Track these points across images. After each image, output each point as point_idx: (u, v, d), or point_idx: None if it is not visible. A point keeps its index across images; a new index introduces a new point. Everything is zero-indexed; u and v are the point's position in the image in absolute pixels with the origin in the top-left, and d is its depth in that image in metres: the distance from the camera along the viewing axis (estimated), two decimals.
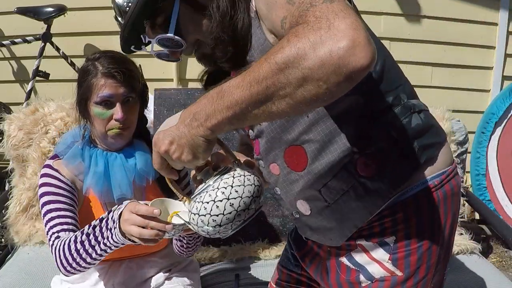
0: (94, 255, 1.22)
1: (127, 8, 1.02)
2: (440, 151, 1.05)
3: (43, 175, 1.42)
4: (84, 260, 1.23)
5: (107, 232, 1.17)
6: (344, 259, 1.11)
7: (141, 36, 1.04)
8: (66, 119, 2.00)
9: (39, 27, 2.82)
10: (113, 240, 1.17)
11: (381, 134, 0.99)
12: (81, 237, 1.23)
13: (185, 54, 1.07)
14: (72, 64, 2.88)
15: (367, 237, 1.06)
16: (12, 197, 1.99)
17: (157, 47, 1.04)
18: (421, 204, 1.02)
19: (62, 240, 1.28)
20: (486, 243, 3.01)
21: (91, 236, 1.21)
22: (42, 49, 2.82)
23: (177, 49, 1.04)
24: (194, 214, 0.90)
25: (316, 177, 1.03)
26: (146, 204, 1.09)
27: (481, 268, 1.90)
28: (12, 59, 3.03)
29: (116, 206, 1.19)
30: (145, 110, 1.55)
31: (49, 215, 1.35)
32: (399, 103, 1.01)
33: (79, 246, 1.22)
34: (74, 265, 1.25)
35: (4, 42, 2.84)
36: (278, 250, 2.00)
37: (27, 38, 2.82)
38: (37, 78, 2.85)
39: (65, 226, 1.33)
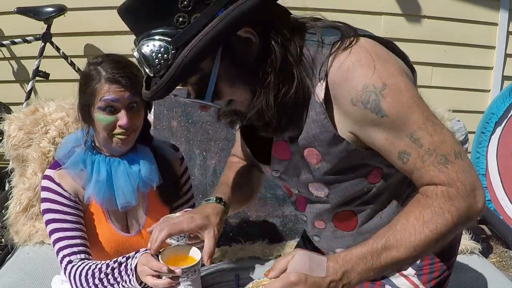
0: None
1: (156, 61, 0.93)
2: None
3: (45, 189, 1.39)
4: None
5: (125, 276, 1.22)
6: None
7: (172, 94, 0.97)
8: (66, 119, 2.00)
9: (39, 27, 2.82)
10: (132, 285, 1.22)
11: None
12: (99, 275, 1.26)
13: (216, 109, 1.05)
14: (72, 64, 2.88)
15: None
16: (12, 197, 1.99)
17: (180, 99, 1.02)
18: None
19: (76, 268, 1.30)
20: (486, 243, 3.01)
21: (110, 276, 1.25)
22: (42, 49, 2.82)
23: (208, 106, 1.00)
24: None
25: (363, 235, 1.09)
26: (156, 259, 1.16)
27: (481, 268, 1.90)
28: (12, 59, 3.03)
29: (134, 253, 1.23)
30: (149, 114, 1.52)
31: (56, 235, 1.35)
32: None
33: (97, 281, 1.26)
34: None
35: (4, 42, 2.84)
36: (278, 250, 2.00)
37: (27, 38, 2.82)
38: (37, 78, 2.85)
39: (75, 249, 1.34)
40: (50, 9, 2.75)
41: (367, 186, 1.05)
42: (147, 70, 0.97)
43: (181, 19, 0.88)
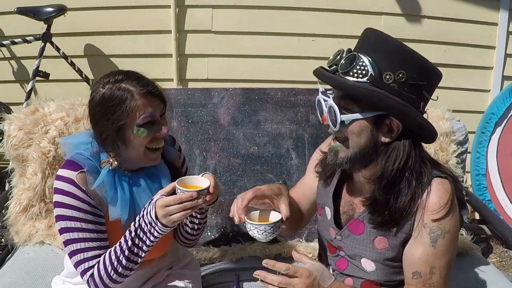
0: (143, 254, 1.32)
1: (354, 66, 1.16)
2: None
3: (66, 193, 1.31)
4: (136, 262, 1.33)
5: (147, 233, 1.29)
6: None
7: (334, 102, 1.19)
8: (66, 119, 2.00)
9: (39, 27, 2.83)
10: (159, 234, 1.28)
11: None
12: (127, 246, 1.30)
13: (330, 130, 1.25)
14: (72, 64, 2.89)
15: None
16: (12, 197, 1.99)
17: (325, 98, 1.23)
18: None
19: (98, 270, 1.31)
20: (486, 243, 3.01)
21: (136, 239, 1.30)
22: (42, 49, 2.82)
23: (332, 122, 1.21)
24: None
25: None
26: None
27: (481, 268, 1.90)
28: (12, 59, 3.03)
29: (145, 209, 1.30)
30: None
31: (75, 246, 1.32)
32: None
33: (125, 261, 1.30)
34: (126, 273, 1.33)
35: (4, 42, 2.84)
36: (278, 249, 2.01)
37: (27, 38, 2.82)
38: (37, 78, 2.86)
39: (94, 261, 1.33)
40: (50, 9, 2.75)
41: None
42: (342, 61, 1.19)
43: (388, 76, 1.16)
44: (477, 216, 3.18)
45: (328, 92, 1.24)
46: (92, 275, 1.32)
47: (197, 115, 2.16)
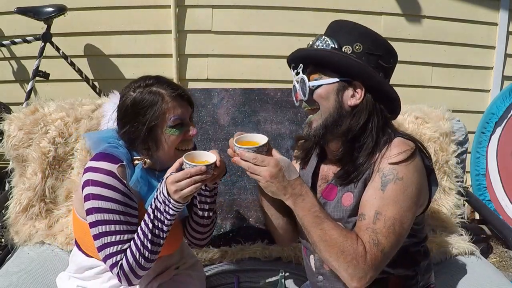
0: (164, 235, 1.33)
1: (321, 42, 1.34)
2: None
3: (106, 186, 1.32)
4: (159, 244, 1.33)
5: (164, 213, 1.30)
6: None
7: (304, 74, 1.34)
8: (66, 119, 2.00)
9: (39, 27, 2.83)
10: (175, 211, 1.30)
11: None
12: (148, 232, 1.30)
13: (301, 105, 1.39)
14: (72, 64, 2.89)
15: None
16: (12, 197, 1.99)
17: (297, 78, 1.36)
18: None
19: (126, 259, 1.32)
20: (486, 243, 3.01)
21: (154, 229, 1.30)
22: (42, 49, 2.82)
23: (303, 92, 1.34)
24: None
25: None
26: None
27: (481, 268, 1.90)
28: (12, 59, 3.04)
29: (154, 197, 1.32)
30: None
31: (109, 238, 1.32)
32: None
33: (150, 245, 1.31)
34: (152, 257, 1.33)
35: (4, 42, 2.84)
36: (278, 251, 2.00)
37: (27, 38, 2.82)
38: (37, 78, 2.86)
39: (124, 253, 1.34)
40: (50, 9, 2.75)
41: None
42: (330, 45, 1.34)
43: (346, 49, 1.31)
44: (477, 216, 3.18)
45: (299, 70, 1.36)
46: (121, 265, 1.32)
47: (197, 115, 2.16)
